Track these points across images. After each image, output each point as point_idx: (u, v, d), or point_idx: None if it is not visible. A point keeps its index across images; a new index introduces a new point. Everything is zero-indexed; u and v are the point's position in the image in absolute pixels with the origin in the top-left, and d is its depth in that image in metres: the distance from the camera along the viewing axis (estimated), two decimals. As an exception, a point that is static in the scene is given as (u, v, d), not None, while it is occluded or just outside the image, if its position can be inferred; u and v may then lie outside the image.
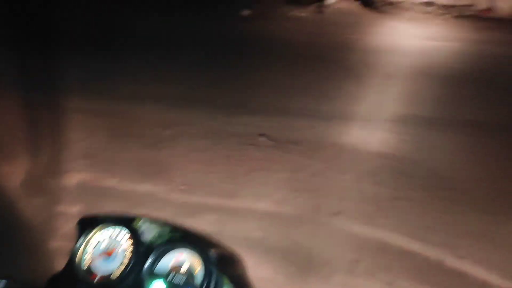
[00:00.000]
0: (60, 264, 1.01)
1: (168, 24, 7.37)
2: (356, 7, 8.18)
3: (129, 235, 1.02)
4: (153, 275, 0.96)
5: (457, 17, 8.02)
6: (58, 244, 2.41)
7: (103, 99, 4.32)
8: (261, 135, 3.66)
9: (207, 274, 0.95)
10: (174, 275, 0.96)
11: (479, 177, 3.17)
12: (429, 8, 8.53)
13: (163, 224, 1.06)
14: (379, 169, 3.24)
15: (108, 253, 1.01)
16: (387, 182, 3.08)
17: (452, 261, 2.47)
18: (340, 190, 2.98)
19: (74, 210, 2.71)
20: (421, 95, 4.63)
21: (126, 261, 0.99)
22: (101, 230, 1.04)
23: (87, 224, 1.05)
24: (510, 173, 3.23)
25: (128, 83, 4.82)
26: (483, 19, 7.94)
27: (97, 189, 3.00)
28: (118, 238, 1.03)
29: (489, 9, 8.37)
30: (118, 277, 0.97)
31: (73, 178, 3.07)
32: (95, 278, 0.98)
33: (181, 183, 3.03)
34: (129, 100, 4.35)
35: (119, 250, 1.01)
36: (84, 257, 1.01)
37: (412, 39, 6.71)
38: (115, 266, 0.99)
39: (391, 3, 8.81)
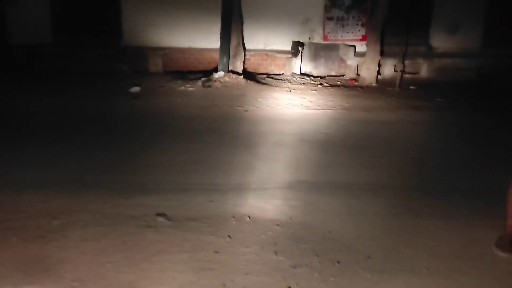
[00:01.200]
0: None
1: (50, 104, 7.05)
2: (241, 80, 8.72)
3: None
4: None
5: (329, 86, 8.99)
6: None
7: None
8: (159, 215, 3.58)
9: None
10: None
11: (363, 236, 3.41)
12: (305, 79, 9.46)
13: None
14: (277, 237, 3.34)
15: None
16: (286, 250, 3.18)
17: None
18: (244, 264, 2.99)
19: None
20: (304, 161, 4.99)
21: None
22: None
23: None
24: (388, 230, 3.52)
25: (3, 169, 4.41)
26: (351, 87, 9.01)
27: (-30, 299, 2.61)
28: None
29: (354, 79, 9.58)
30: None
31: None
32: None
33: (73, 279, 2.78)
34: (5, 189, 3.96)
35: None
36: None
37: (293, 108, 7.30)
38: None
39: (271, 76, 9.59)
